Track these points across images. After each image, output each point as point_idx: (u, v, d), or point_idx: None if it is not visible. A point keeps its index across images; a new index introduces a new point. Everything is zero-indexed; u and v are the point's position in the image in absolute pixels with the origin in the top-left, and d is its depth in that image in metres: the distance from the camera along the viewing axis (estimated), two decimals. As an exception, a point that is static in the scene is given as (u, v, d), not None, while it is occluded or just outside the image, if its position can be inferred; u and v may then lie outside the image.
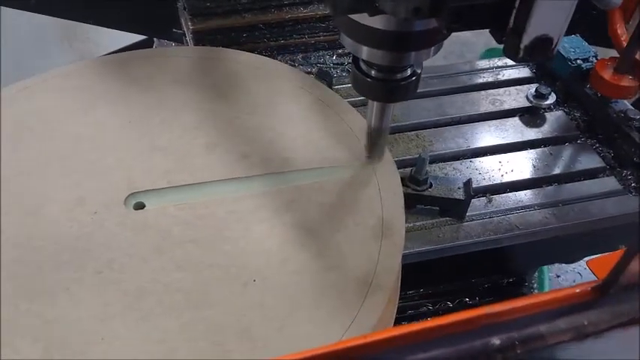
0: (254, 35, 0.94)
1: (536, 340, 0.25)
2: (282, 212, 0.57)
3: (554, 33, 0.38)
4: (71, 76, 0.70)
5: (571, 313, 0.25)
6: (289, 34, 0.96)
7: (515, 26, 0.39)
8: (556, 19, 0.38)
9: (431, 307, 0.82)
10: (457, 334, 0.25)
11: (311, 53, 0.98)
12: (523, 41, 0.38)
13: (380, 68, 0.51)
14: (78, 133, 0.63)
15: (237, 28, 0.93)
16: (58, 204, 0.56)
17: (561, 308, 0.25)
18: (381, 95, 0.54)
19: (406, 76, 0.51)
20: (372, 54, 0.48)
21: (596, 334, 0.25)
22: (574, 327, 0.25)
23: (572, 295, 0.26)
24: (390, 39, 0.46)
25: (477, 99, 0.89)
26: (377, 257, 0.53)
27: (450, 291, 0.83)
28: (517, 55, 0.39)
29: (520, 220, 0.71)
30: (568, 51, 0.89)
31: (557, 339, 0.25)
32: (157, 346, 0.46)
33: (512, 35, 0.39)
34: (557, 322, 0.25)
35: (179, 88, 0.69)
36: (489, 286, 0.85)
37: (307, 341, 0.47)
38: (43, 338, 0.46)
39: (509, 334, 0.25)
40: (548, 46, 0.39)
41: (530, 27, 0.37)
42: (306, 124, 0.66)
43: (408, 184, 0.69)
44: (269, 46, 0.96)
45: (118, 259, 0.52)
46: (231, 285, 0.51)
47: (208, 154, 0.62)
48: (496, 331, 0.25)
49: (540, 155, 0.81)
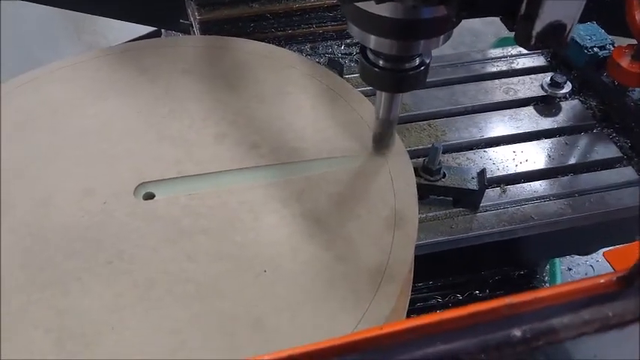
0: (262, 25, 0.93)
1: (559, 332, 0.24)
2: (292, 202, 0.56)
3: (568, 19, 0.37)
4: (79, 67, 0.70)
5: (595, 304, 0.24)
6: (297, 24, 0.95)
7: (527, 12, 0.37)
8: (570, 4, 0.36)
9: (440, 299, 0.82)
10: (478, 325, 0.24)
11: (319, 43, 0.97)
12: (535, 28, 0.37)
13: (388, 58, 0.49)
14: (87, 123, 0.63)
15: (244, 18, 0.92)
16: (68, 194, 0.56)
17: (585, 299, 0.24)
18: (389, 85, 0.53)
19: (415, 66, 0.50)
20: (379, 43, 0.47)
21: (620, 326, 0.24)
22: (598, 318, 0.24)
23: (597, 285, 0.25)
24: (398, 27, 0.44)
25: (490, 88, 0.88)
26: (389, 248, 0.53)
27: (459, 283, 0.82)
28: (529, 43, 0.38)
29: (535, 210, 0.70)
30: (584, 38, 0.87)
31: (581, 330, 0.24)
32: (167, 337, 0.46)
33: (524, 22, 0.37)
34: (582, 313, 0.24)
35: (188, 78, 0.69)
36: (500, 279, 0.84)
37: (319, 332, 0.46)
38: (56, 328, 0.46)
39: (531, 325, 0.24)
40: (561, 33, 0.37)
41: (542, 13, 0.36)
42: (316, 113, 0.65)
43: (421, 174, 0.68)
44: (277, 36, 0.95)
45: (128, 250, 0.52)
46: (242, 276, 0.50)
47: (218, 144, 0.61)
48: (518, 322, 0.24)
49: (555, 145, 0.79)
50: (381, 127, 0.58)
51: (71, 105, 0.65)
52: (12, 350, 0.45)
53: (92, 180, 0.57)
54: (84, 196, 0.56)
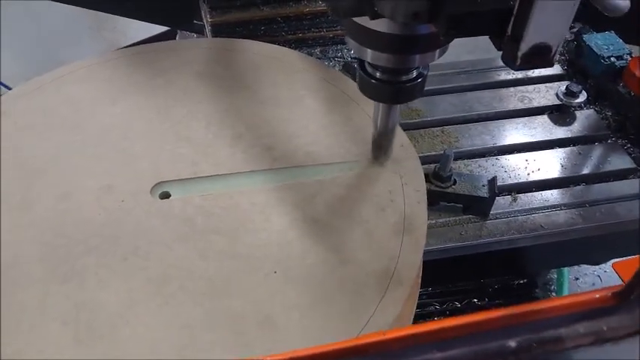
0: (272, 28, 0.94)
1: (553, 343, 0.25)
2: (303, 205, 0.57)
3: (553, 41, 0.37)
4: (100, 67, 0.72)
5: (590, 317, 0.25)
6: (307, 28, 0.96)
7: (513, 33, 0.38)
8: (555, 26, 0.37)
9: (438, 306, 0.82)
10: (474, 335, 0.25)
11: (329, 47, 0.97)
12: (521, 49, 0.37)
13: (385, 70, 0.50)
14: (107, 122, 0.65)
15: (255, 21, 0.93)
16: (87, 191, 0.58)
17: (580, 312, 0.25)
18: (386, 97, 0.53)
19: (412, 78, 0.51)
20: (376, 56, 0.48)
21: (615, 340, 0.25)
22: (593, 332, 0.25)
23: (592, 299, 0.26)
24: (394, 42, 0.45)
25: (505, 95, 0.88)
26: (398, 253, 0.53)
27: (458, 291, 0.82)
28: (515, 63, 0.38)
29: (545, 219, 0.71)
30: (601, 48, 0.86)
31: (576, 343, 0.25)
32: (179, 332, 0.47)
33: (511, 42, 0.38)
34: (576, 326, 0.25)
35: (205, 80, 0.70)
36: (499, 287, 0.84)
37: (326, 333, 0.48)
38: (73, 321, 0.48)
39: (526, 337, 0.25)
40: (547, 54, 0.38)
41: (527, 34, 0.37)
42: (329, 116, 0.66)
43: (432, 181, 0.69)
44: (287, 40, 0.96)
45: (144, 247, 0.53)
46: (253, 275, 0.51)
47: (233, 145, 0.63)
48: (513, 333, 0.25)
49: (569, 154, 0.79)
50: (379, 136, 0.59)
51: (92, 104, 0.67)
52: (30, 341, 0.47)
53: (111, 178, 0.59)
54: (103, 193, 0.58)
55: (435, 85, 0.89)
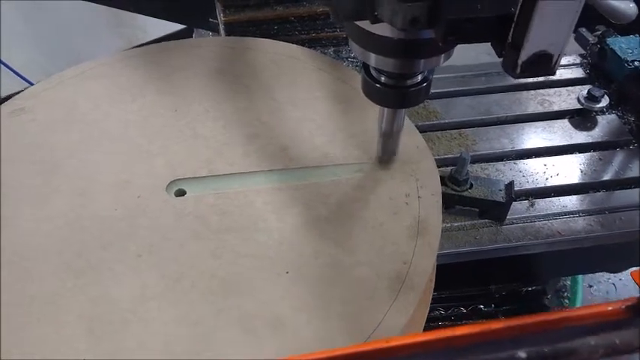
0: (285, 28, 0.94)
1: (565, 356, 0.25)
2: (317, 206, 0.57)
3: (554, 49, 0.37)
4: (119, 64, 0.73)
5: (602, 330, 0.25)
6: (321, 28, 0.95)
7: (513, 41, 0.37)
8: (556, 34, 0.36)
9: (443, 311, 0.81)
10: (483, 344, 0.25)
11: (342, 47, 0.97)
12: (521, 57, 0.37)
13: (389, 75, 0.49)
14: (126, 119, 0.66)
15: (268, 20, 0.93)
16: (104, 186, 0.59)
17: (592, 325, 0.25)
18: (391, 102, 0.53)
19: (416, 82, 0.50)
20: (380, 61, 0.47)
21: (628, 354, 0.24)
22: (605, 345, 0.24)
23: (605, 312, 0.25)
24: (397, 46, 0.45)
25: (525, 99, 0.87)
26: (410, 257, 0.53)
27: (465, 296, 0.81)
28: (515, 71, 0.38)
29: (563, 226, 0.69)
30: (625, 52, 0.85)
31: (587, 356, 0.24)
32: (190, 330, 0.48)
33: (511, 50, 0.37)
34: (588, 339, 0.24)
35: (223, 78, 0.71)
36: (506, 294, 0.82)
37: (336, 336, 0.48)
38: (87, 314, 0.49)
39: (536, 348, 0.24)
40: (547, 63, 0.37)
41: (528, 42, 0.36)
42: (346, 117, 0.66)
43: (448, 184, 0.68)
44: (300, 39, 0.95)
45: (158, 244, 0.54)
46: (264, 275, 0.52)
47: (248, 144, 0.63)
48: (523, 344, 0.25)
49: (589, 160, 0.78)
50: (384, 139, 0.58)
51: (111, 101, 0.68)
52: (44, 333, 0.48)
53: (127, 174, 0.60)
54: (119, 189, 0.59)
55: (453, 87, 0.88)
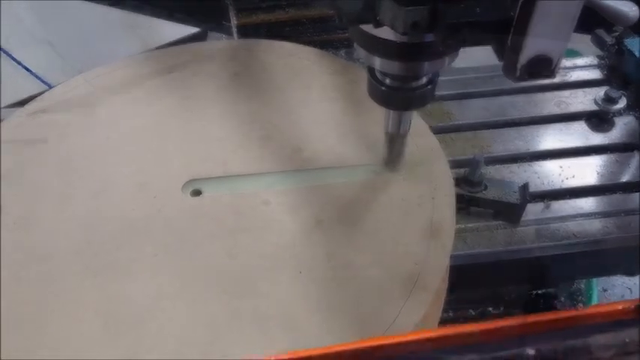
0: (297, 30, 0.94)
1: (575, 354, 0.25)
2: (330, 207, 0.58)
3: (554, 53, 0.37)
4: (135, 67, 0.74)
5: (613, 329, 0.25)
6: (333, 29, 0.96)
7: (512, 45, 0.37)
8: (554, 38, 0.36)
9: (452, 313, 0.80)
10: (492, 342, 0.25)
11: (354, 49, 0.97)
12: (520, 60, 0.37)
13: (394, 77, 0.50)
14: (142, 121, 0.67)
15: (281, 22, 0.93)
16: (121, 187, 0.60)
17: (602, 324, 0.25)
18: (397, 104, 0.53)
19: (421, 85, 0.50)
20: (384, 64, 0.48)
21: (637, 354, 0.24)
22: (614, 344, 0.24)
23: (615, 311, 0.25)
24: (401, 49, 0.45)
25: (541, 100, 0.86)
26: (424, 258, 0.53)
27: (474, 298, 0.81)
28: (515, 74, 0.38)
29: (578, 228, 0.69)
30: (643, 53, 0.84)
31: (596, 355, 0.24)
32: (204, 329, 0.49)
33: (511, 54, 0.38)
34: (597, 338, 0.24)
35: (238, 81, 0.72)
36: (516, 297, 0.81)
37: (348, 336, 0.48)
38: (104, 311, 0.50)
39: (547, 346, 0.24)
40: (547, 66, 0.37)
41: (527, 46, 0.36)
42: (359, 119, 0.67)
43: (462, 186, 0.68)
44: (312, 41, 0.95)
45: (173, 243, 0.55)
46: (278, 276, 0.52)
47: (263, 146, 0.64)
48: (534, 342, 0.25)
49: (605, 162, 0.77)
50: (390, 142, 0.58)
51: (128, 103, 0.69)
52: (63, 328, 0.49)
53: (144, 175, 0.61)
54: (136, 190, 0.60)
55: (468, 88, 0.88)
